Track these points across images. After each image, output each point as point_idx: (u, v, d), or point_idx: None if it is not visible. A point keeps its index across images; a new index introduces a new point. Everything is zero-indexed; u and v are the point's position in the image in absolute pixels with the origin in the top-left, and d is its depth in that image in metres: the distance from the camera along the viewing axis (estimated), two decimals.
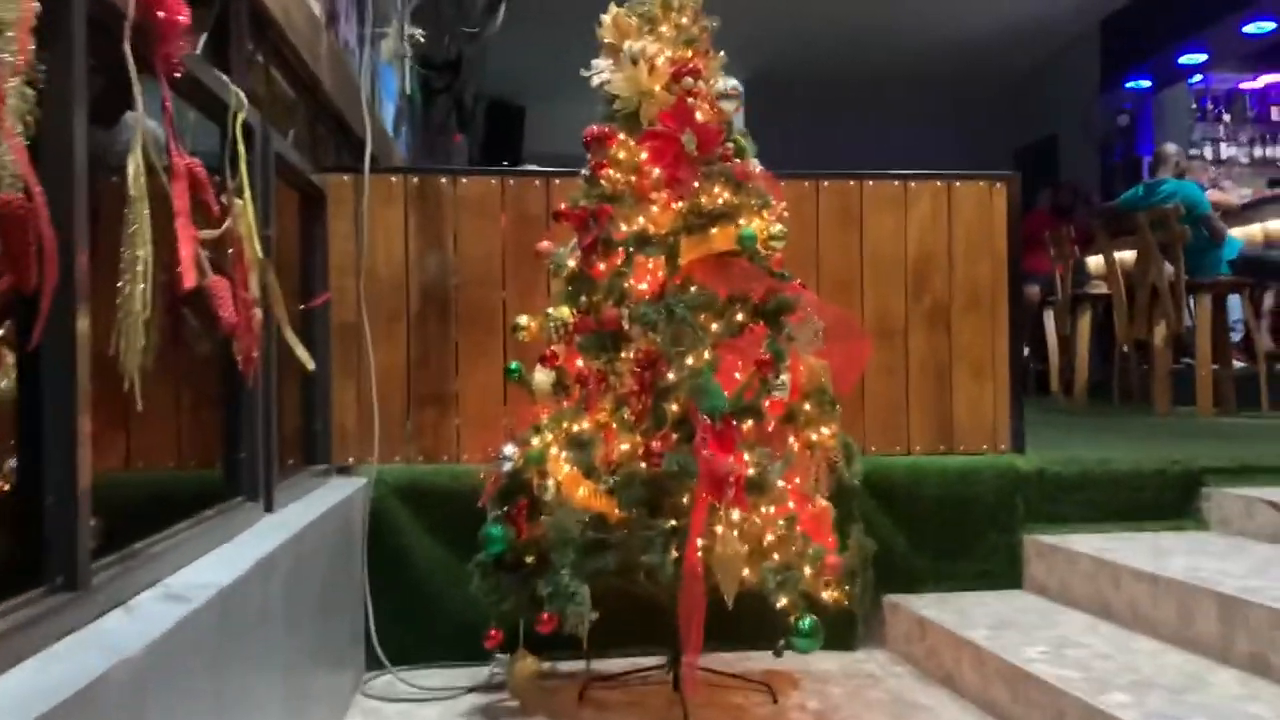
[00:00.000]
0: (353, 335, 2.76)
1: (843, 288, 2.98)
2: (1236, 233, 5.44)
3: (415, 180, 2.87)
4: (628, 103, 2.28)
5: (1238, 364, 5.31)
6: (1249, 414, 4.94)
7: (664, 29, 2.33)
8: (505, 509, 2.31)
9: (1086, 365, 5.88)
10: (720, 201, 2.25)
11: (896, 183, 3.05)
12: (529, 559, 2.27)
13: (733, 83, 2.27)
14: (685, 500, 2.10)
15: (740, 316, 2.26)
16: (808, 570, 2.15)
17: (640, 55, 2.26)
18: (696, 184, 2.22)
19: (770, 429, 2.23)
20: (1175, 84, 7.89)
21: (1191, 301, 5.08)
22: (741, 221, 2.25)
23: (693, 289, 2.24)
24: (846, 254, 3.02)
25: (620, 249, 2.26)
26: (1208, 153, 8.12)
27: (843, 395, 2.36)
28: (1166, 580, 2.41)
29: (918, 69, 8.98)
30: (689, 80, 2.25)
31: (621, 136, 2.31)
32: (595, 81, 2.36)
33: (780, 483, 2.16)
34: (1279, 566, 2.44)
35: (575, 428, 2.22)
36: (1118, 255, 5.55)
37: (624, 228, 2.27)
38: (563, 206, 2.35)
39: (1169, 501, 3.04)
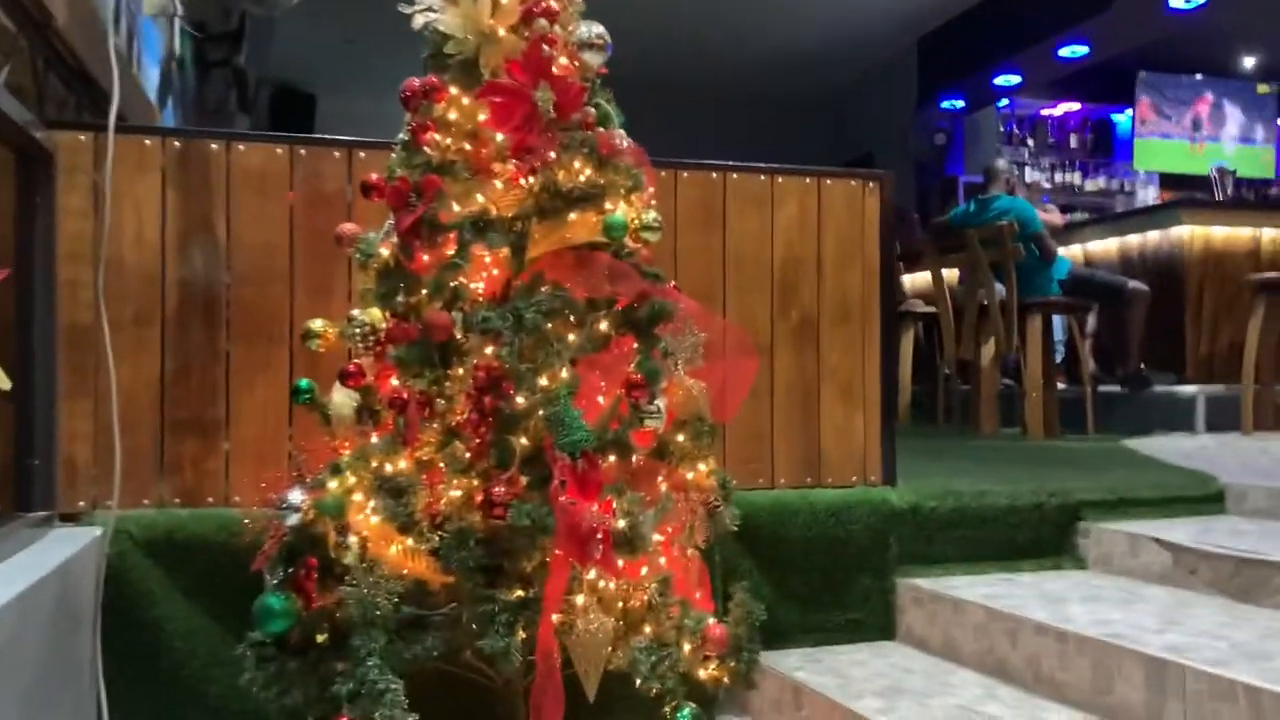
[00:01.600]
0: (88, 342, 2.12)
1: (704, 296, 2.55)
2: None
3: (177, 144, 2.24)
4: (462, 46, 1.78)
5: (1059, 385, 5.27)
6: (1075, 437, 4.88)
7: None
8: (289, 572, 1.74)
9: (909, 385, 5.75)
10: (582, 179, 1.77)
11: (763, 177, 2.66)
12: (320, 638, 1.71)
13: (598, 29, 1.80)
14: (536, 563, 1.62)
15: (604, 325, 1.80)
16: (686, 646, 1.70)
17: None
18: (553, 155, 1.74)
19: (638, 467, 1.78)
20: (986, 106, 8.02)
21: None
22: (608, 206, 1.79)
23: (545, 289, 1.75)
24: (708, 257, 2.60)
25: (451, 235, 1.75)
26: (1000, 163, 8.30)
27: (722, 424, 1.93)
28: (1077, 637, 2.10)
29: (734, 82, 8.80)
30: (543, 23, 1.77)
31: (454, 91, 1.80)
32: (418, 21, 1.83)
33: (654, 535, 1.71)
34: (1196, 619, 2.18)
35: (388, 467, 1.69)
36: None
37: (456, 207, 1.76)
38: (374, 177, 1.81)
39: (1046, 538, 2.79)
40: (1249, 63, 8.59)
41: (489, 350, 1.66)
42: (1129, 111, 8.57)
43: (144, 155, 2.20)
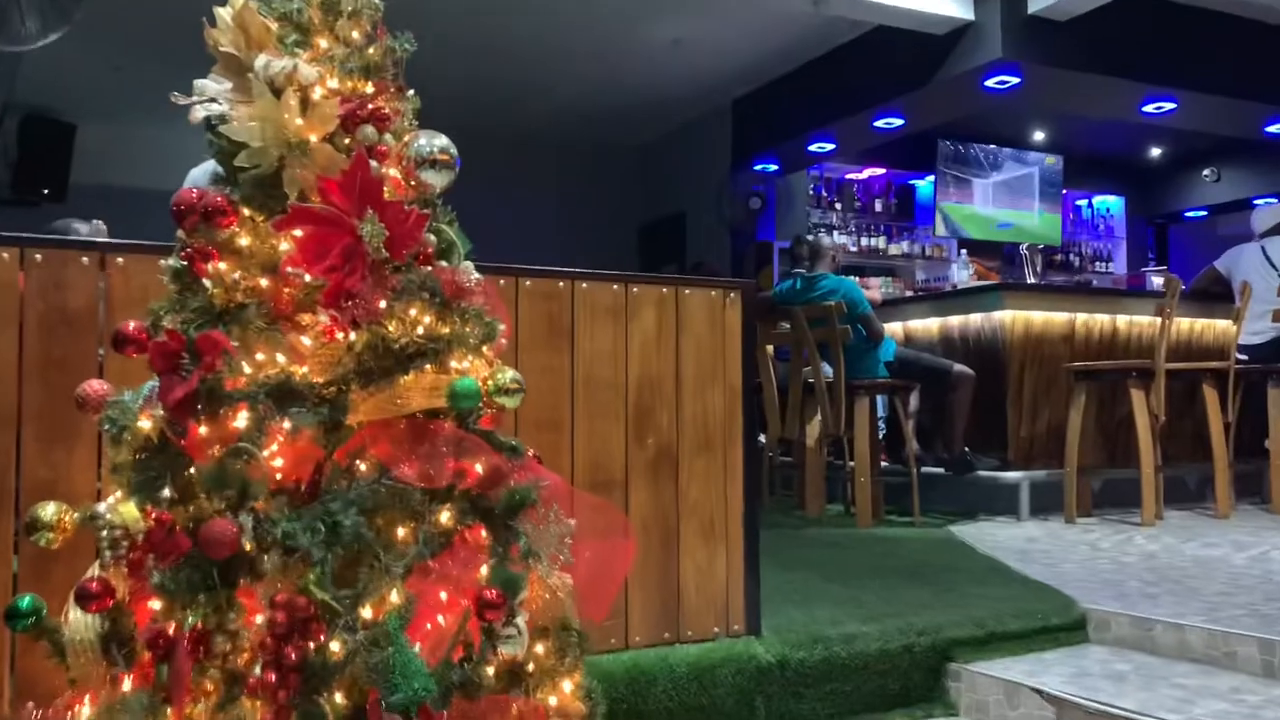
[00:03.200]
0: None
1: (549, 426, 2.18)
2: None
3: None
4: (260, 158, 1.34)
5: (882, 463, 5.17)
6: (901, 522, 4.77)
7: (324, 43, 1.42)
8: None
9: None
10: (419, 331, 1.37)
11: (616, 286, 2.31)
12: None
13: (441, 141, 1.40)
14: None
15: (446, 517, 1.38)
16: None
17: (285, 79, 1.33)
18: (383, 303, 1.33)
19: (484, 702, 1.37)
20: (799, 170, 8.01)
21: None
22: (454, 364, 1.39)
23: (366, 472, 1.33)
24: (554, 379, 2.22)
25: (240, 407, 1.30)
26: (824, 239, 8.33)
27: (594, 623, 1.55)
28: None
29: (545, 128, 8.48)
30: (370, 130, 1.36)
31: (246, 212, 1.36)
32: (199, 113, 1.38)
33: None
34: None
35: None
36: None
37: (247, 369, 1.31)
38: (131, 327, 1.34)
39: (916, 684, 2.55)
40: (1039, 135, 9.01)
41: (291, 575, 1.22)
42: (930, 178, 8.80)
43: None
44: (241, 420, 1.29)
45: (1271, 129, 7.09)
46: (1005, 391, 4.94)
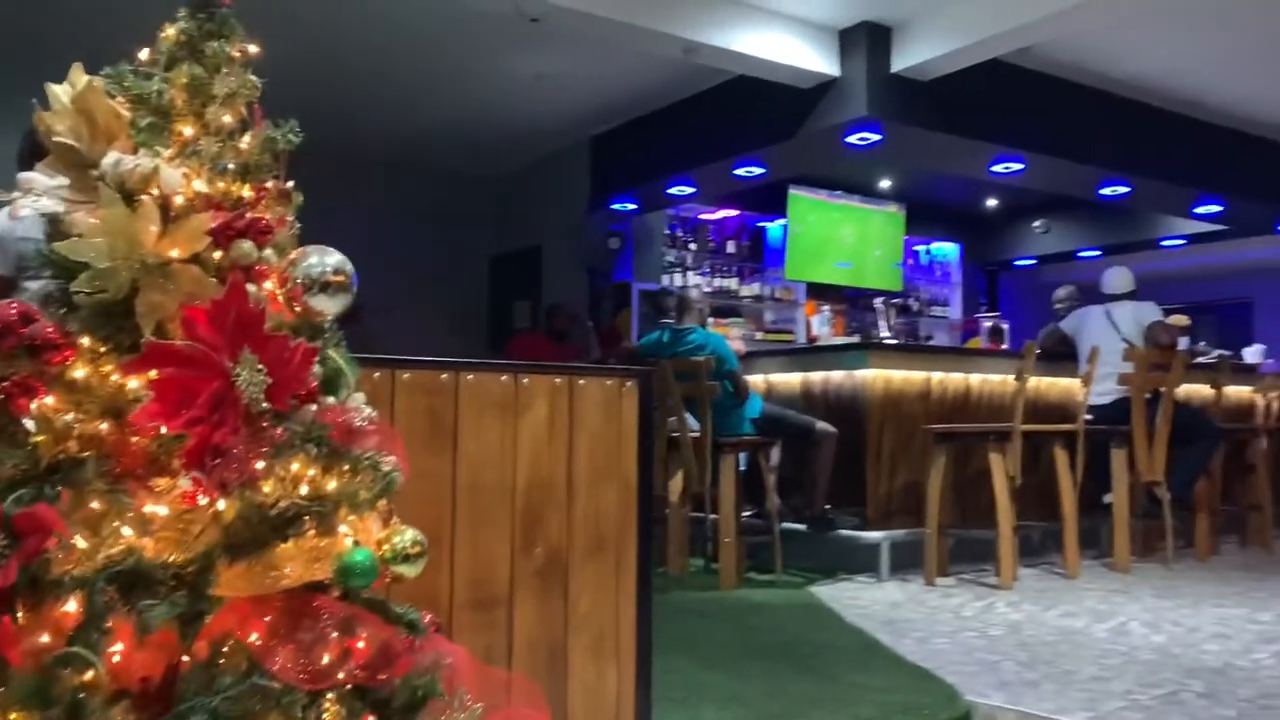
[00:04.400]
0: None
1: (428, 538, 1.94)
2: None
3: None
4: (106, 279, 1.07)
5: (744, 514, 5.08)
6: (763, 580, 4.69)
7: (189, 130, 1.16)
8: None
9: None
10: (302, 491, 1.12)
11: (504, 378, 2.09)
12: None
13: (334, 259, 1.16)
14: None
15: (329, 715, 1.14)
16: None
17: (141, 182, 1.07)
18: (260, 463, 1.08)
19: None
20: (657, 210, 7.92)
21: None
22: (344, 531, 1.15)
23: (231, 664, 1.08)
24: (435, 485, 1.98)
25: (72, 597, 1.03)
26: (677, 280, 8.27)
27: None
28: None
29: (403, 151, 8.10)
30: (247, 247, 1.11)
31: (85, 342, 1.08)
32: (23, 214, 1.10)
33: None
34: None
35: None
36: None
37: (81, 545, 1.04)
38: None
39: None
40: (885, 184, 9.23)
41: None
42: (781, 220, 8.88)
43: None
44: (74, 615, 1.02)
45: (1104, 191, 7.44)
46: (865, 449, 4.94)
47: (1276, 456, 6.18)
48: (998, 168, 6.71)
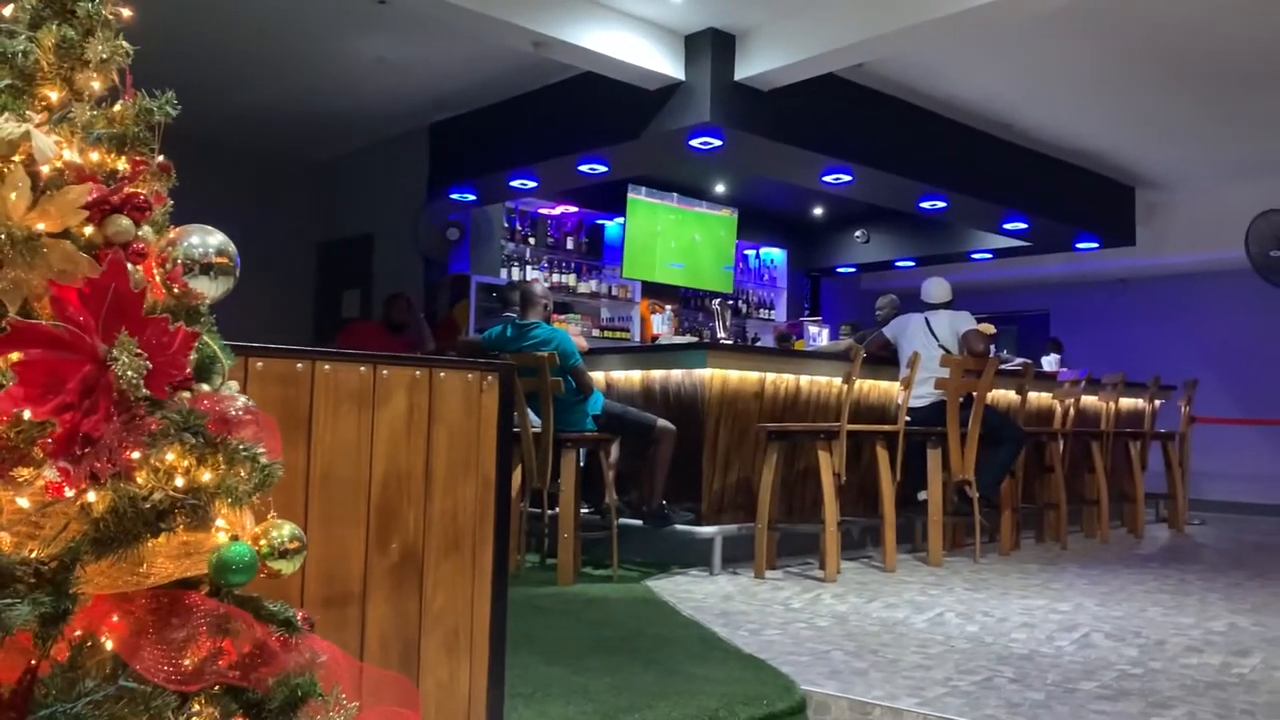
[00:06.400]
0: None
1: None
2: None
3: None
4: None
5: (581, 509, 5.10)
6: (601, 574, 4.73)
7: (54, 94, 1.08)
8: None
9: None
10: (177, 484, 1.07)
11: (363, 368, 2.04)
12: None
13: (217, 240, 1.11)
14: None
15: (200, 719, 1.09)
16: None
17: (7, 148, 0.99)
18: (135, 453, 1.02)
19: None
20: (498, 202, 7.84)
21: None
22: (220, 525, 1.10)
23: (96, 667, 1.02)
24: (287, 478, 1.89)
25: None
26: (515, 273, 8.23)
27: None
28: None
29: (222, 131, 7.72)
30: (126, 223, 1.05)
31: None
32: None
33: None
34: None
35: None
36: None
37: None
38: None
39: None
40: (720, 188, 9.45)
41: None
42: (619, 219, 8.96)
43: None
44: None
45: (924, 204, 7.86)
46: (702, 446, 5.05)
47: (1073, 458, 6.68)
48: (829, 178, 6.98)
